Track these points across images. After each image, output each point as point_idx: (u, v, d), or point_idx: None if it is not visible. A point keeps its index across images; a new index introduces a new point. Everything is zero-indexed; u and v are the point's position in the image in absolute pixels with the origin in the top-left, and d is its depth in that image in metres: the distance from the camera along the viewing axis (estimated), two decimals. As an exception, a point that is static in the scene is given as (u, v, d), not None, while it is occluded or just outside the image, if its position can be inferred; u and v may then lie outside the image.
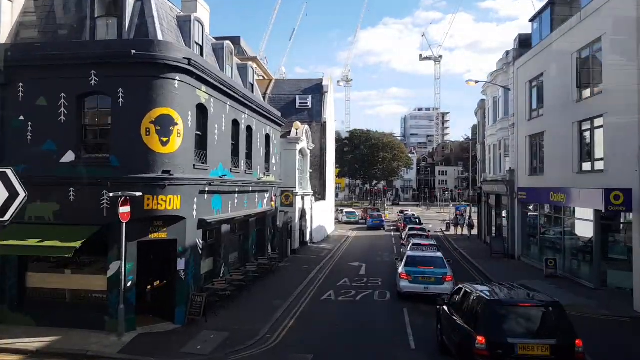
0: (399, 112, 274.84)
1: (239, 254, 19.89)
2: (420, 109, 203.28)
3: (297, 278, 21.49)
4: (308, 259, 27.60)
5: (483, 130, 38.27)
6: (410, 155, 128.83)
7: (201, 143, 15.24)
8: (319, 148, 40.76)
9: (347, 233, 45.82)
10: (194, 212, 14.35)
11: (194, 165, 14.40)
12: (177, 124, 13.37)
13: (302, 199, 32.18)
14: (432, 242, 24.11)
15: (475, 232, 44.45)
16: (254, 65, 22.90)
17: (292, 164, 30.10)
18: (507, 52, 31.32)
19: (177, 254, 13.65)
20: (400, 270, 17.71)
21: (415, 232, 29.83)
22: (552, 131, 23.24)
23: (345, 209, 61.61)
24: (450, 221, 56.18)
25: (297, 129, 30.36)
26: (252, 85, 22.88)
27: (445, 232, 47.06)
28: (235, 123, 18.53)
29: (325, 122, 41.04)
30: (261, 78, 46.58)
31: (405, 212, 58.22)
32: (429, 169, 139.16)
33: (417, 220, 42.37)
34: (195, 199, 14.43)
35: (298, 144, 30.37)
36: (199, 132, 15.04)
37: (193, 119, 14.30)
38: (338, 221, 57.81)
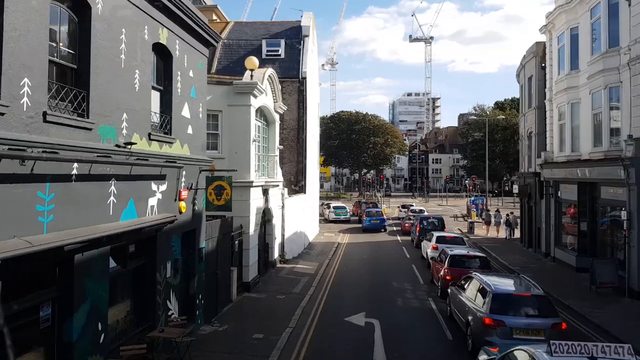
0: (384, 102, 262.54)
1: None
2: (409, 94, 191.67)
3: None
4: (267, 308, 14.58)
5: (541, 87, 25.54)
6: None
7: None
8: (295, 117, 27.68)
9: (336, 238, 32.90)
10: None
11: None
12: None
13: (265, 192, 19.09)
14: (539, 291, 11.01)
15: (516, 234, 32.08)
16: None
17: (243, 131, 16.91)
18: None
19: None
20: None
21: (458, 253, 16.76)
22: None
23: (333, 203, 48.51)
24: (467, 217, 43.94)
25: (251, 70, 17.14)
26: None
27: (469, 235, 34.59)
28: None
29: (305, 79, 27.82)
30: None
31: (411, 207, 45.53)
32: (422, 156, 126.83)
33: (438, 222, 29.22)
34: None
35: (254, 95, 17.15)
36: None
37: None
38: (324, 219, 45.00)
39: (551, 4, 21.79)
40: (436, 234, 22.34)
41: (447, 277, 15.05)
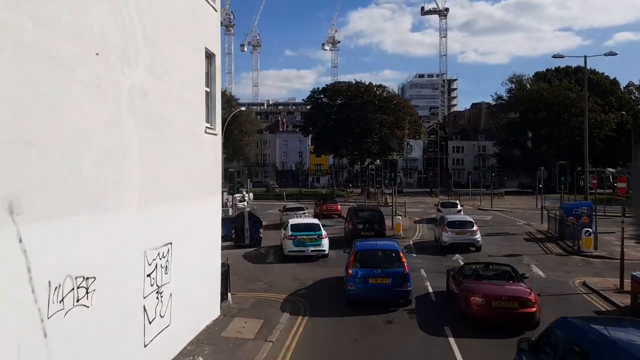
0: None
1: None
2: (421, 76, 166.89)
3: None
4: None
5: None
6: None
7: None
8: None
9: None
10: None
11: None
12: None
13: None
14: None
15: None
16: None
17: None
18: None
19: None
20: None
21: None
22: None
23: (295, 220, 23.76)
24: (572, 242, 20.67)
25: None
26: None
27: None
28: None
29: None
30: None
31: (463, 219, 21.95)
32: (442, 143, 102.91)
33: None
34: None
35: None
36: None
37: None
38: (282, 249, 21.71)
39: None
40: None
41: None
